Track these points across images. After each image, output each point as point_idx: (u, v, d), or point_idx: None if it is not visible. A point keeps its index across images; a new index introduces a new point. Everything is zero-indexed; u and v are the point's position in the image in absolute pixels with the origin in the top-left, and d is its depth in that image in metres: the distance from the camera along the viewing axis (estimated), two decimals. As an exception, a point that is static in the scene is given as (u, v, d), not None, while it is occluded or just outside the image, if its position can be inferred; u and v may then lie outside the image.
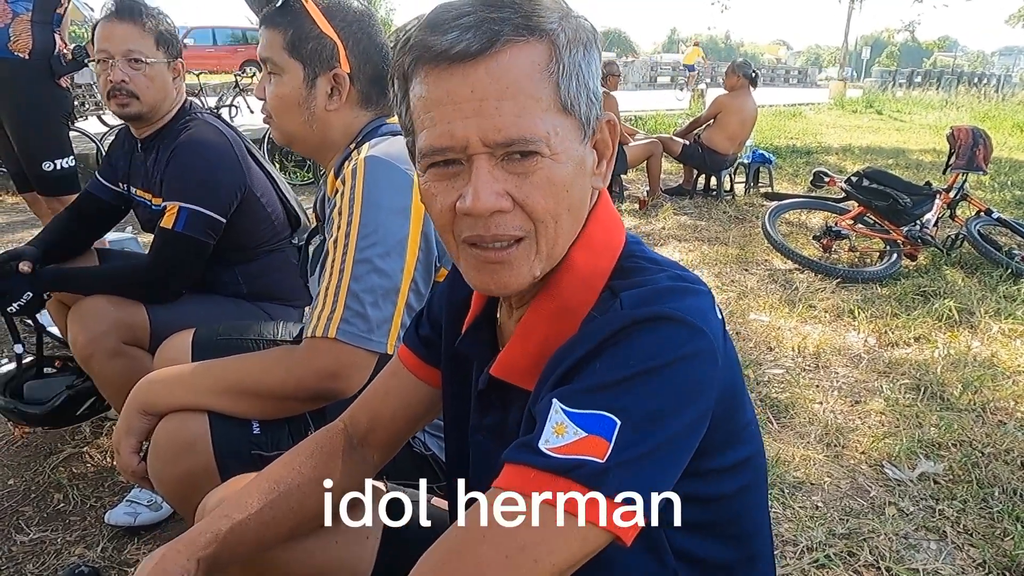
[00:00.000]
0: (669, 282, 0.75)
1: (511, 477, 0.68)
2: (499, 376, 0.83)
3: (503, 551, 0.65)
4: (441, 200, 0.76)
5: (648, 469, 0.66)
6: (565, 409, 0.68)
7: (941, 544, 1.97)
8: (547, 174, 0.73)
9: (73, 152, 3.32)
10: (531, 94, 0.71)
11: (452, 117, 0.72)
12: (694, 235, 5.46)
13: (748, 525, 0.86)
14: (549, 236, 0.75)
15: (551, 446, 0.67)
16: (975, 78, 29.68)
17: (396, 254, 1.27)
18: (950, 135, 4.92)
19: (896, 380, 2.99)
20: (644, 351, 0.68)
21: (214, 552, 0.91)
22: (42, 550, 1.89)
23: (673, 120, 11.90)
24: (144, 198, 2.02)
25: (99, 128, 8.76)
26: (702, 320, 0.71)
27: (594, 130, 0.78)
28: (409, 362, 1.05)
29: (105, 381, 1.89)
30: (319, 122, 1.41)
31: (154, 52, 1.93)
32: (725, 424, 0.77)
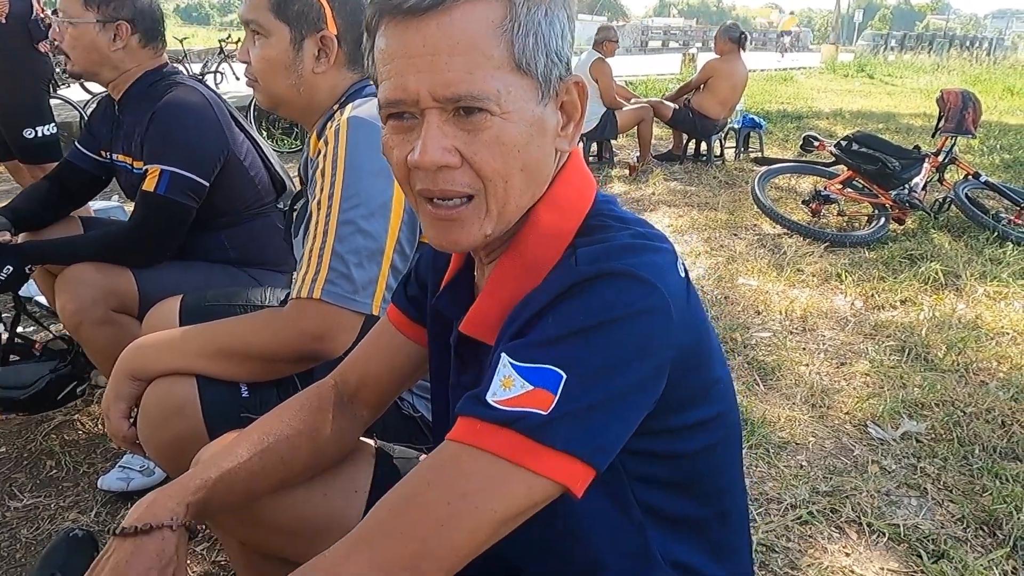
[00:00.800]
0: (629, 239, 0.76)
1: (460, 429, 0.71)
2: (467, 333, 0.84)
3: (446, 498, 0.68)
4: (397, 152, 0.77)
5: (593, 422, 0.68)
6: (513, 363, 0.69)
7: (922, 500, 2.02)
8: (496, 132, 0.73)
9: (54, 119, 3.28)
10: (483, 51, 0.72)
11: (405, 70, 0.72)
12: (684, 200, 5.46)
13: (717, 482, 0.88)
14: (499, 196, 0.76)
15: (498, 399, 0.69)
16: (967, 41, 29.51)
17: (380, 215, 1.26)
18: (939, 98, 4.91)
19: (881, 342, 3.03)
20: (593, 306, 0.69)
21: (203, 498, 0.92)
22: (36, 516, 1.91)
23: (664, 85, 11.81)
24: (125, 162, 2.00)
25: (82, 95, 8.62)
26: (657, 276, 0.71)
27: (556, 91, 0.77)
28: (397, 321, 1.06)
29: (94, 349, 1.89)
30: (306, 85, 1.39)
31: (80, 12, 1.88)
32: (687, 382, 0.78)
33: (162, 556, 0.85)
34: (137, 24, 1.93)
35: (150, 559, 0.84)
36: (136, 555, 0.84)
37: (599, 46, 6.43)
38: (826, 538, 1.86)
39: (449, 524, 0.67)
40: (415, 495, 0.70)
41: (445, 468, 0.70)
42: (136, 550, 0.85)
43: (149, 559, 0.84)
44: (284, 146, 7.19)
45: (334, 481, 1.08)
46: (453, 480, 0.68)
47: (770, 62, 19.31)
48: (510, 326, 0.75)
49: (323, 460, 1.05)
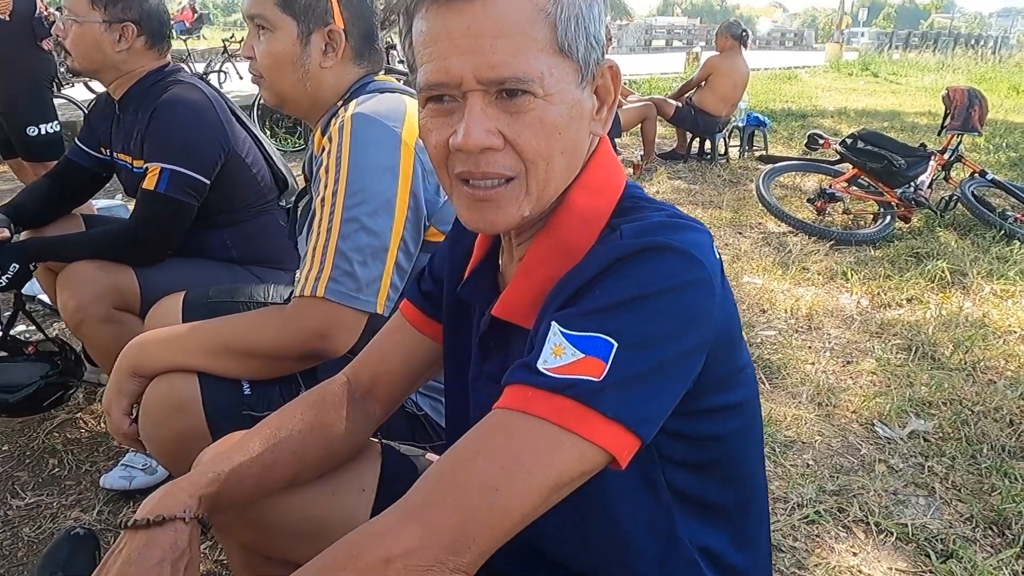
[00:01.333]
0: (667, 218, 0.76)
1: (510, 396, 0.70)
2: (501, 316, 0.84)
3: (499, 462, 0.67)
4: (436, 135, 0.76)
5: (643, 391, 0.68)
6: (563, 331, 0.69)
7: (930, 500, 2.00)
8: (539, 114, 0.73)
9: (57, 117, 3.28)
10: (527, 33, 0.71)
11: (448, 53, 0.72)
12: (688, 199, 5.44)
13: (742, 467, 0.88)
14: (540, 177, 0.76)
15: (549, 366, 0.68)
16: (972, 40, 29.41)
17: (384, 212, 1.25)
18: (946, 96, 4.88)
19: (888, 340, 3.01)
20: (642, 277, 0.70)
21: (216, 491, 0.91)
22: (38, 514, 1.90)
23: (668, 84, 11.78)
24: (126, 161, 1.99)
25: (86, 95, 8.64)
26: (700, 253, 0.72)
27: (594, 75, 0.78)
28: (412, 316, 1.06)
29: (96, 346, 1.88)
30: (313, 80, 1.38)
31: (86, 11, 1.86)
32: (721, 364, 0.78)
33: (175, 548, 0.84)
34: (143, 26, 1.91)
35: (163, 551, 0.83)
36: (148, 547, 0.83)
37: None
38: (833, 537, 1.84)
39: (502, 490, 0.66)
40: (466, 462, 0.68)
41: (495, 434, 0.69)
42: (148, 542, 0.83)
43: (162, 551, 0.83)
44: (288, 145, 7.18)
45: (341, 480, 1.07)
46: (504, 446, 0.67)
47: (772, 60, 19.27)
48: (555, 299, 0.75)
49: (334, 456, 1.05)
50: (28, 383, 2.02)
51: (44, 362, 2.09)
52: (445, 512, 0.67)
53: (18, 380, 2.02)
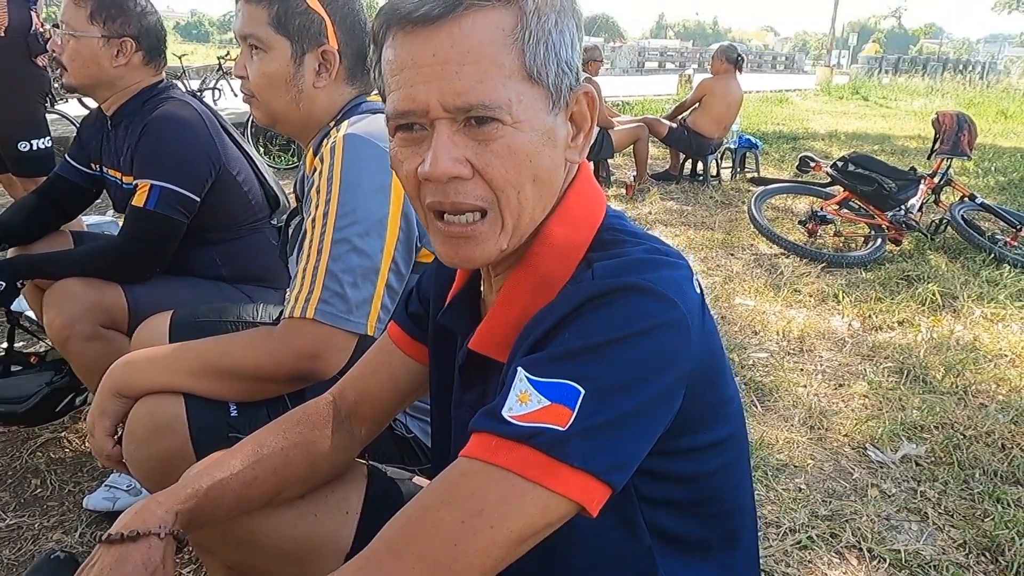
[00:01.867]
0: (645, 254, 0.75)
1: (474, 445, 0.69)
2: (477, 349, 0.82)
3: (460, 516, 0.65)
4: (407, 165, 0.75)
5: (612, 439, 0.66)
6: (530, 377, 0.68)
7: (923, 525, 1.99)
8: (508, 142, 0.72)
9: (50, 133, 3.26)
10: (494, 59, 0.71)
11: (414, 80, 0.71)
12: (680, 220, 5.46)
13: (727, 503, 0.86)
14: (512, 208, 0.74)
15: (514, 414, 0.67)
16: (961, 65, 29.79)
17: (375, 234, 1.24)
18: (935, 120, 4.93)
19: (879, 363, 3.01)
20: (612, 320, 0.68)
21: (194, 507, 0.90)
22: (19, 535, 1.86)
23: (660, 105, 11.86)
24: (116, 177, 1.98)
25: (79, 111, 8.63)
26: (675, 292, 0.70)
27: (567, 101, 0.76)
28: (398, 338, 1.05)
29: (82, 365, 1.86)
30: (306, 99, 1.38)
31: (84, 26, 1.86)
32: (703, 400, 0.76)
33: (148, 564, 0.82)
34: (141, 42, 1.91)
35: (135, 567, 0.82)
36: (121, 563, 0.81)
37: (585, 66, 6.47)
38: (826, 564, 1.83)
39: (462, 543, 0.65)
40: (427, 513, 0.67)
41: (458, 485, 0.67)
42: (121, 557, 0.82)
43: (134, 567, 0.81)
44: (281, 162, 7.18)
45: (325, 501, 1.06)
46: (467, 497, 0.66)
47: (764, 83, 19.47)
48: (525, 340, 0.73)
49: (317, 475, 1.03)
50: (35, 392, 2.03)
51: (49, 370, 2.10)
52: (406, 564, 0.65)
53: (25, 390, 2.03)
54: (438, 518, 0.66)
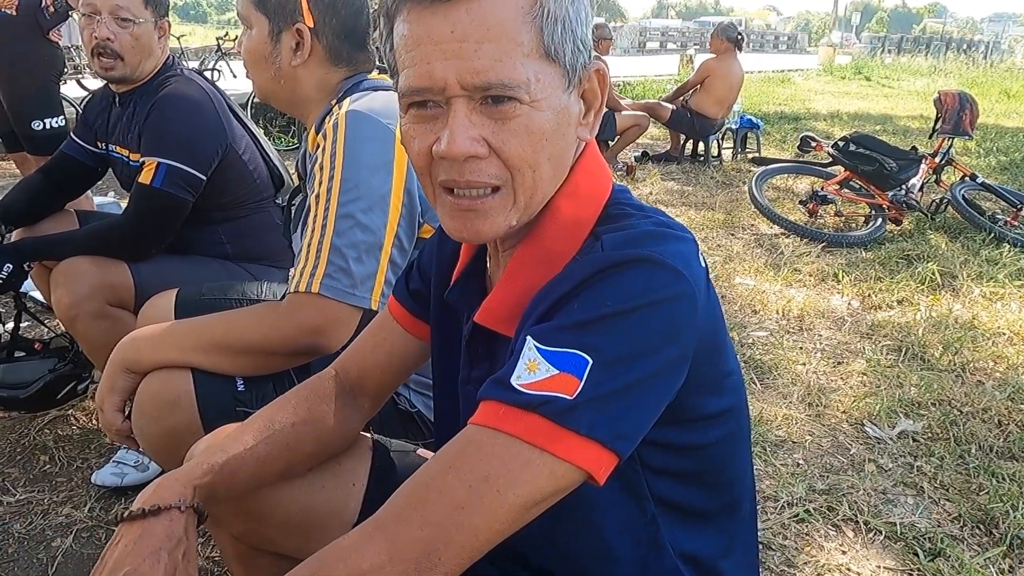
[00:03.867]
0: (652, 227, 0.75)
1: (483, 413, 0.69)
2: (483, 323, 0.83)
3: (467, 481, 0.66)
4: (419, 142, 0.75)
5: (619, 408, 0.67)
6: (538, 346, 0.68)
7: (918, 499, 2.02)
8: (526, 121, 0.72)
9: (63, 112, 3.27)
10: (513, 38, 0.70)
11: (431, 57, 0.70)
12: (681, 200, 5.46)
13: (728, 474, 0.87)
14: (527, 185, 0.74)
15: (523, 382, 0.67)
16: (964, 44, 29.58)
17: (379, 209, 1.26)
18: (937, 99, 4.92)
19: (878, 342, 3.03)
20: (621, 291, 0.68)
21: (210, 482, 0.91)
22: (29, 511, 1.89)
23: (662, 86, 11.81)
24: (122, 154, 1.99)
25: (78, 92, 8.60)
26: (683, 264, 0.71)
27: (580, 79, 0.76)
28: (398, 315, 1.06)
29: (90, 343, 1.88)
30: (286, 77, 1.39)
31: (142, 11, 1.88)
32: (706, 372, 0.77)
33: (171, 537, 0.84)
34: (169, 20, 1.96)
35: (159, 540, 0.83)
36: (144, 537, 0.83)
37: (594, 45, 6.43)
38: (823, 536, 1.86)
39: (468, 508, 0.66)
40: (434, 479, 0.68)
41: (466, 451, 0.68)
42: (144, 533, 0.83)
43: (158, 540, 0.83)
44: (282, 143, 7.17)
45: (332, 474, 1.08)
46: (474, 463, 0.67)
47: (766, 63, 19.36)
48: (533, 311, 0.74)
49: (326, 448, 1.05)
50: (37, 378, 2.05)
51: (53, 356, 2.12)
52: (412, 528, 0.66)
53: (28, 377, 2.06)
54: (445, 483, 0.67)
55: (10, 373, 2.09)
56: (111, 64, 1.89)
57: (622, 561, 0.84)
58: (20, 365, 2.12)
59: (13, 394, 2.05)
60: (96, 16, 1.85)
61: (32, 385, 2.05)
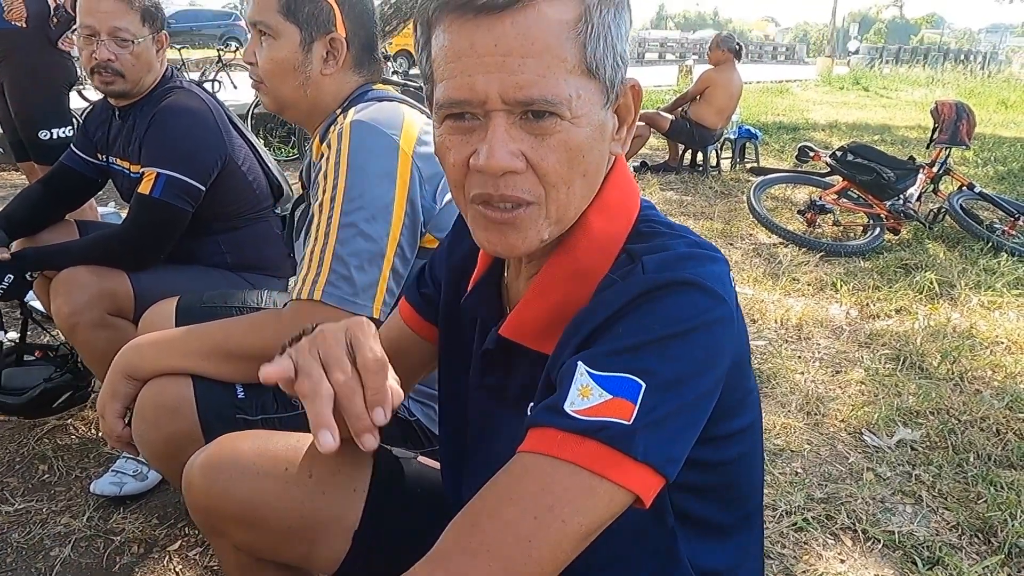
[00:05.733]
0: (688, 248, 0.75)
1: (537, 440, 0.68)
2: (509, 336, 0.83)
3: (531, 512, 0.65)
4: (455, 154, 0.74)
5: (671, 432, 0.67)
6: (590, 371, 0.67)
7: (917, 508, 2.02)
8: (565, 138, 0.71)
9: (72, 123, 3.29)
10: (557, 53, 0.69)
11: (473, 70, 0.70)
12: (680, 210, 5.48)
13: (745, 488, 0.88)
14: (561, 202, 0.74)
15: (576, 408, 0.66)
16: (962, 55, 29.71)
17: (382, 218, 1.27)
18: (934, 109, 4.94)
19: (876, 351, 3.03)
20: (668, 315, 0.68)
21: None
22: (27, 520, 1.89)
23: (661, 96, 11.86)
24: (122, 166, 2.00)
25: (79, 104, 8.63)
26: (721, 287, 0.71)
27: (618, 95, 0.76)
28: (408, 316, 1.06)
29: (90, 352, 1.89)
30: (313, 87, 1.40)
31: (140, 29, 1.89)
32: (734, 391, 0.78)
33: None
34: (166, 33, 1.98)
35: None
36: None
37: None
38: (821, 545, 1.86)
39: (536, 539, 0.65)
40: (496, 510, 0.67)
41: (525, 481, 0.66)
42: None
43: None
44: (281, 154, 7.19)
45: (333, 480, 1.08)
46: (537, 493, 0.65)
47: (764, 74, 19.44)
48: (575, 333, 0.73)
49: None
50: (34, 385, 2.06)
51: (50, 365, 2.13)
52: (479, 563, 0.65)
53: (25, 383, 2.07)
54: (509, 515, 0.66)
55: (10, 379, 2.10)
56: (111, 79, 1.91)
57: (639, 573, 0.84)
58: (19, 371, 2.13)
59: (9, 400, 2.06)
60: (94, 37, 1.87)
61: (28, 392, 2.06)
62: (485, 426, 0.91)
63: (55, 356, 2.20)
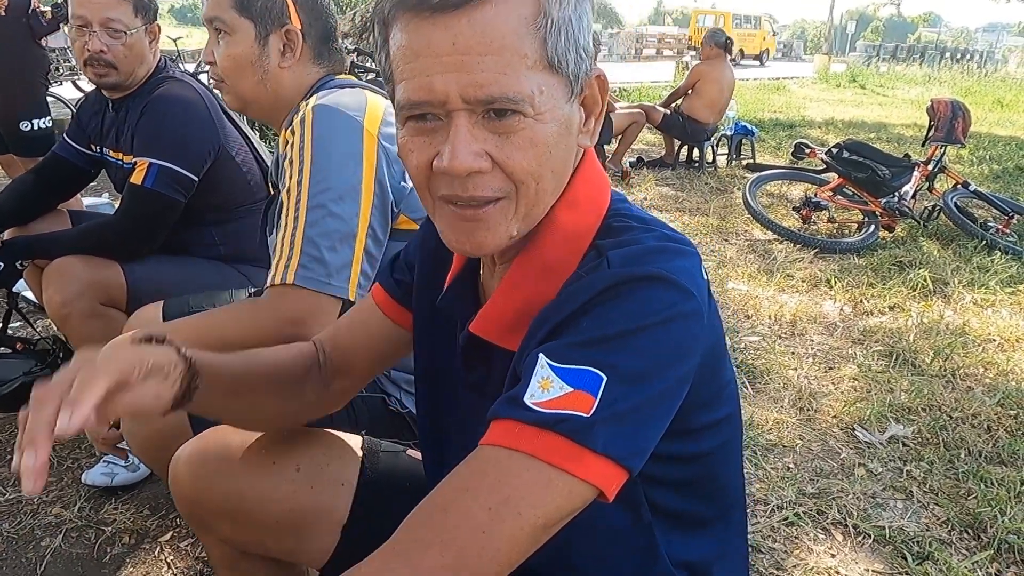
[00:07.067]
0: (657, 242, 0.74)
1: (496, 432, 0.68)
2: (478, 333, 0.82)
3: (486, 504, 0.65)
4: (418, 156, 0.73)
5: (633, 425, 0.66)
6: (551, 364, 0.67)
7: (907, 503, 2.02)
8: (529, 134, 0.70)
9: (50, 113, 3.28)
10: (516, 49, 0.68)
11: (432, 70, 0.68)
12: (675, 206, 5.48)
13: (723, 481, 0.88)
14: (530, 197, 0.73)
15: (536, 400, 0.66)
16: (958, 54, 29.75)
17: (350, 198, 1.26)
18: (930, 107, 4.95)
19: (870, 347, 3.04)
20: (632, 309, 0.68)
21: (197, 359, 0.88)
22: (18, 510, 1.89)
23: (658, 92, 11.85)
24: (116, 157, 2.00)
25: (74, 94, 8.59)
26: (690, 281, 0.70)
27: (583, 87, 0.75)
28: (381, 301, 1.05)
29: (81, 342, 1.87)
30: (272, 80, 1.40)
31: (132, 20, 1.88)
32: (708, 384, 0.77)
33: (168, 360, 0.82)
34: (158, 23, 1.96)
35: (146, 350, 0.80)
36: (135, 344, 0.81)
37: None
38: (812, 539, 1.87)
39: (490, 531, 0.64)
40: (453, 502, 0.66)
41: (484, 473, 0.66)
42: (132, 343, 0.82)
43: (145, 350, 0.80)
44: (276, 147, 7.16)
45: (321, 474, 1.07)
46: (493, 485, 0.65)
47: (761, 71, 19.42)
48: (540, 327, 0.72)
49: (289, 403, 1.03)
50: (13, 378, 2.02)
51: (31, 358, 2.10)
52: (434, 554, 0.64)
53: (3, 376, 2.03)
54: (465, 506, 0.65)
55: None
56: (104, 72, 1.89)
57: (618, 569, 0.83)
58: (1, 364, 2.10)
59: None
60: (87, 28, 1.85)
61: (6, 385, 2.02)
62: (474, 424, 0.91)
63: (35, 350, 2.17)
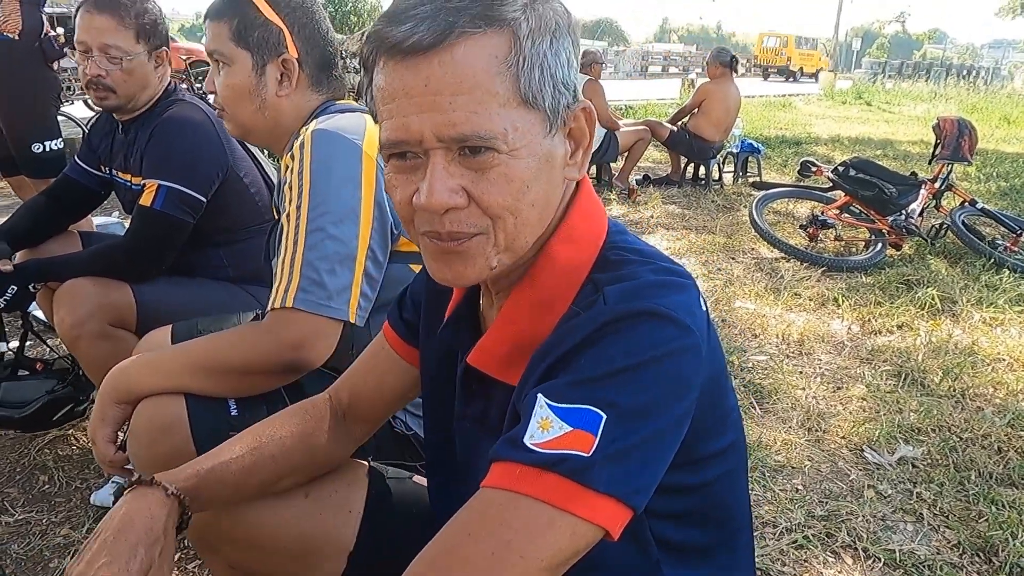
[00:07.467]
0: (654, 276, 0.74)
1: (497, 474, 0.68)
2: (476, 365, 0.83)
3: (489, 548, 0.65)
4: (400, 192, 0.75)
5: (634, 463, 0.66)
6: (550, 404, 0.67)
7: (918, 526, 2.01)
8: (504, 170, 0.71)
9: (62, 135, 3.31)
10: (488, 88, 0.69)
11: (407, 111, 0.70)
12: (682, 224, 5.48)
13: (728, 508, 0.87)
14: (508, 231, 0.74)
15: (536, 441, 0.66)
16: (964, 70, 29.78)
17: (349, 221, 1.27)
18: (936, 126, 4.95)
19: (878, 367, 3.03)
20: (630, 346, 0.68)
21: (194, 486, 0.92)
22: (27, 531, 1.89)
23: (664, 109, 11.89)
24: (125, 179, 2.02)
25: (85, 113, 8.67)
26: (688, 316, 0.71)
27: (564, 120, 0.75)
28: (392, 341, 1.07)
29: (92, 364, 1.89)
30: (271, 109, 1.42)
31: (133, 46, 1.90)
32: (710, 414, 0.77)
33: (150, 533, 0.84)
34: (166, 47, 1.98)
35: (138, 535, 0.83)
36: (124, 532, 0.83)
37: (587, 69, 6.55)
38: (821, 563, 1.85)
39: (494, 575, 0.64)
40: (456, 548, 0.66)
41: (485, 516, 0.66)
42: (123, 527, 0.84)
43: (136, 536, 0.83)
44: (284, 166, 7.20)
45: (328, 500, 1.08)
46: (495, 528, 0.65)
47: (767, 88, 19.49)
48: (538, 365, 0.73)
49: (313, 466, 1.06)
50: (35, 399, 2.05)
51: (52, 378, 2.13)
52: None
53: (26, 396, 2.06)
54: (467, 552, 0.65)
55: (10, 392, 2.09)
56: (104, 95, 1.92)
57: None
58: (20, 384, 2.12)
59: (10, 413, 2.05)
60: (87, 53, 1.88)
61: (30, 405, 2.05)
62: (474, 456, 0.91)
63: (53, 369, 2.20)
